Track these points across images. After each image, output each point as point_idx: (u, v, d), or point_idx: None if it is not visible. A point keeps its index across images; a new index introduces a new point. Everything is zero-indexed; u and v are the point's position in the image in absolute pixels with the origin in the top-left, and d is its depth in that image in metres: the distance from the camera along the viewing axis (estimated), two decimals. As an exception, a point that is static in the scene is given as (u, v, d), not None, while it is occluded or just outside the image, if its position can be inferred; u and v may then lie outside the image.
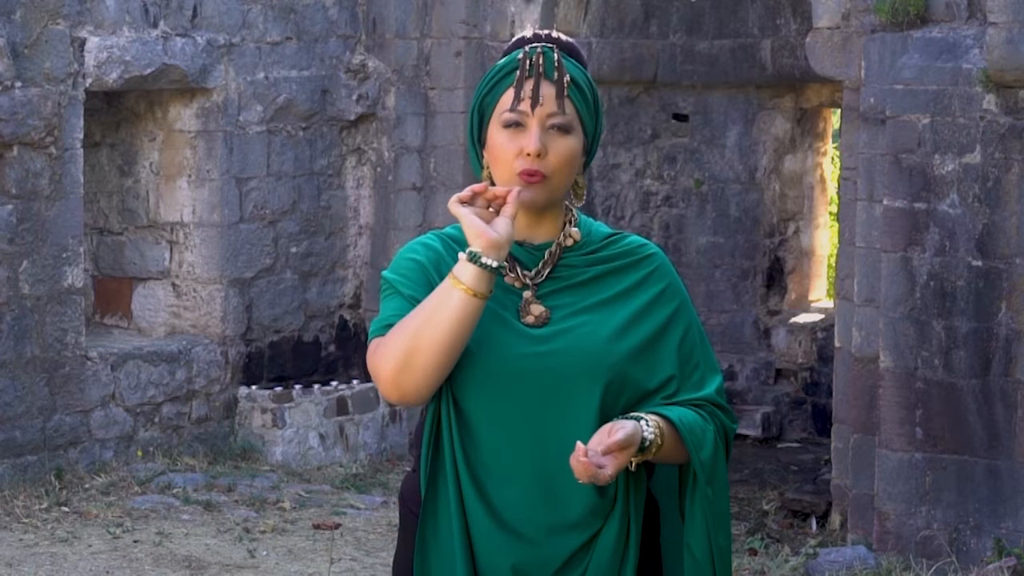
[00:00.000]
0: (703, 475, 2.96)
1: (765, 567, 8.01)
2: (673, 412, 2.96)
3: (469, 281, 2.85)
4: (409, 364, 2.87)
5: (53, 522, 8.13)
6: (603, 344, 2.96)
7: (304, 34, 10.06)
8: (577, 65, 3.02)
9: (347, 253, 10.47)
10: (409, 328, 2.88)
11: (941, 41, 7.90)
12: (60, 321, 8.88)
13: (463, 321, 2.85)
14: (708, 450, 2.97)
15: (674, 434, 2.94)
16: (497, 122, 2.98)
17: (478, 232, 2.85)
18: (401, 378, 2.89)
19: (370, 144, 10.46)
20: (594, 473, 2.80)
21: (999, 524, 7.73)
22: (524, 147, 2.95)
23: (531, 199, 2.97)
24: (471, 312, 2.86)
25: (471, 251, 2.85)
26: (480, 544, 2.97)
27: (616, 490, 2.97)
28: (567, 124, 2.97)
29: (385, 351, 2.90)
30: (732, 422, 3.05)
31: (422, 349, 2.86)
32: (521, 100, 2.96)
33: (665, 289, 3.04)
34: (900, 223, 7.89)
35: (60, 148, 8.81)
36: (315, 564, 7.64)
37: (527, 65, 2.97)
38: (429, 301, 2.89)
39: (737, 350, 11.50)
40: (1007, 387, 7.69)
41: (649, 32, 11.19)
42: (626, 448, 2.85)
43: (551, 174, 2.96)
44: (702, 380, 3.03)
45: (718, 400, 3.03)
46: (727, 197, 11.48)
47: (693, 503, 2.99)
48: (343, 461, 9.83)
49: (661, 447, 2.92)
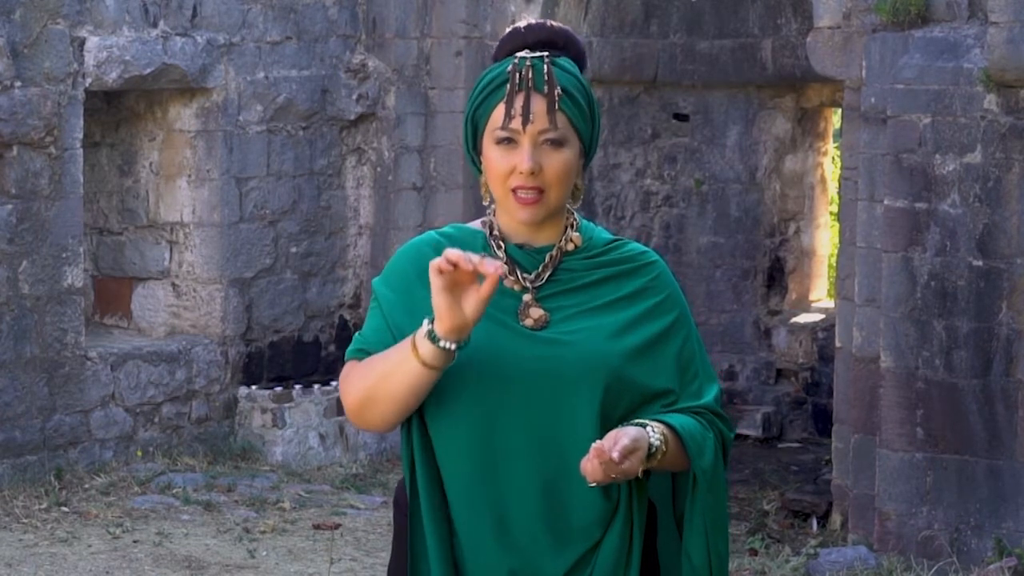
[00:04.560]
0: (704, 482, 2.95)
1: (765, 567, 8.00)
2: (675, 419, 2.94)
3: (426, 356, 2.85)
4: (368, 408, 2.94)
5: (53, 522, 8.12)
6: (603, 347, 2.95)
7: (304, 34, 10.06)
8: (569, 69, 2.97)
9: (347, 253, 10.46)
10: (370, 376, 2.93)
11: (942, 41, 7.90)
12: (60, 321, 8.87)
13: (416, 388, 2.89)
14: (709, 457, 2.96)
15: (676, 441, 2.93)
16: (490, 137, 2.96)
17: (442, 315, 2.81)
18: (363, 416, 2.97)
19: (370, 144, 10.45)
20: (607, 476, 2.79)
21: (1000, 524, 7.72)
22: (517, 165, 2.92)
23: (531, 218, 2.95)
24: (425, 381, 2.88)
25: (431, 331, 2.84)
26: (476, 551, 2.95)
27: (619, 497, 2.96)
28: (560, 138, 2.93)
29: (350, 386, 2.97)
30: (730, 431, 3.05)
31: (379, 401, 2.92)
32: (512, 117, 2.92)
33: (665, 299, 3.02)
34: (901, 223, 7.89)
35: (60, 148, 8.81)
36: (315, 564, 7.63)
37: (516, 79, 2.93)
38: (390, 356, 2.91)
39: (737, 350, 11.49)
40: (1008, 387, 7.68)
41: (649, 32, 11.19)
42: (634, 452, 2.84)
43: (547, 189, 2.94)
44: (700, 389, 3.02)
45: (716, 408, 3.02)
46: (727, 197, 11.47)
47: (693, 511, 2.98)
48: (343, 461, 9.82)
49: (666, 454, 2.91)
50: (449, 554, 2.96)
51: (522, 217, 2.95)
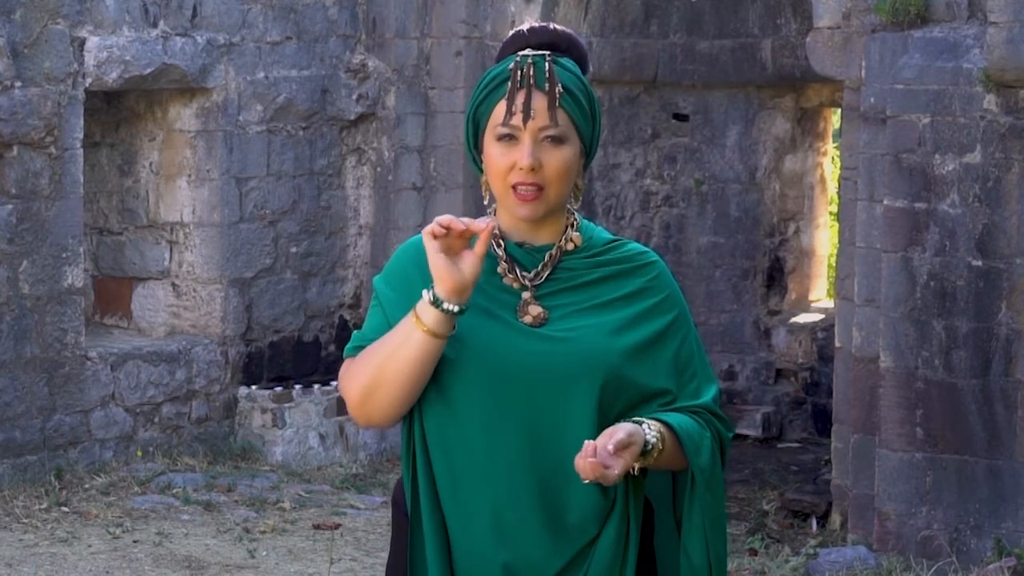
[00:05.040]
0: (702, 481, 2.96)
1: (765, 567, 8.00)
2: (672, 418, 2.95)
3: (430, 323, 2.87)
4: (373, 395, 2.94)
5: (53, 522, 8.13)
6: (601, 345, 2.95)
7: (304, 34, 10.06)
8: (570, 69, 2.99)
9: (347, 253, 10.46)
10: (373, 361, 2.93)
11: (941, 41, 7.90)
12: (60, 321, 8.88)
13: (423, 360, 2.90)
14: (706, 456, 2.97)
15: (673, 439, 2.93)
16: (491, 134, 2.97)
17: (441, 275, 2.85)
18: (366, 407, 2.96)
19: (370, 144, 10.46)
20: (601, 473, 2.79)
21: (999, 524, 7.72)
22: (517, 161, 2.94)
23: (530, 214, 2.97)
24: (432, 351, 2.89)
25: (434, 294, 2.86)
26: (473, 547, 2.96)
27: (615, 494, 2.97)
28: (560, 135, 2.95)
29: (351, 379, 2.97)
30: (728, 430, 3.05)
31: (384, 384, 2.92)
32: (513, 114, 2.94)
33: (665, 299, 3.03)
34: (900, 223, 7.89)
35: (60, 148, 8.81)
36: (315, 564, 7.64)
37: (518, 76, 2.94)
38: (393, 336, 2.92)
39: (737, 350, 11.50)
40: (1007, 387, 7.68)
41: (649, 32, 11.19)
42: (629, 447, 2.84)
43: (547, 185, 2.95)
44: (699, 389, 3.03)
45: (714, 408, 3.03)
46: (727, 197, 11.47)
47: (692, 510, 2.98)
48: (343, 461, 9.82)
49: (662, 452, 2.92)
50: (446, 550, 2.97)
51: (522, 213, 2.96)
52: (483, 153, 3.00)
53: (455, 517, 2.97)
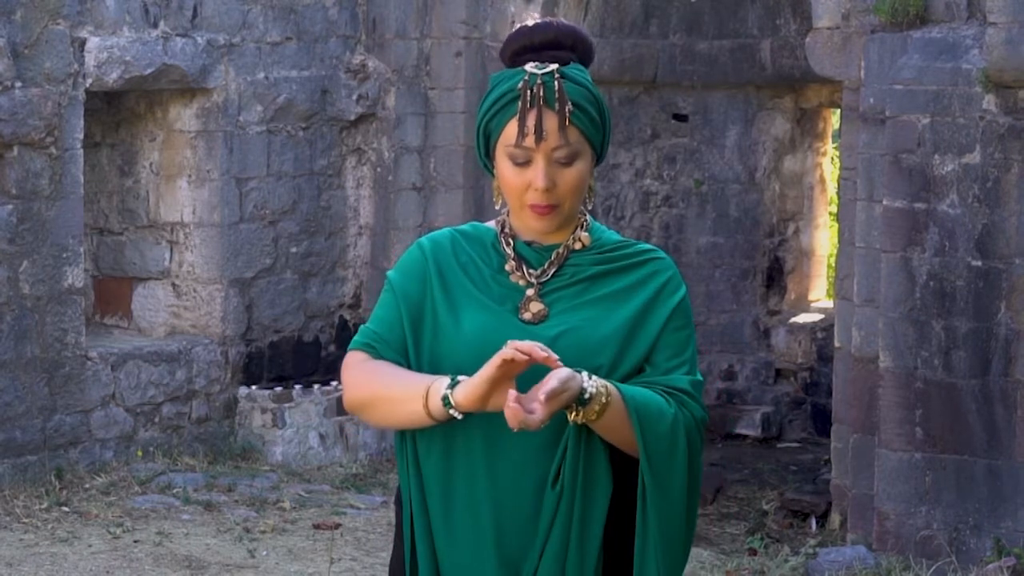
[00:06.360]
0: (646, 462, 2.90)
1: (765, 567, 8.01)
2: (627, 388, 2.91)
3: (433, 408, 2.91)
4: (365, 411, 3.03)
5: (53, 522, 8.13)
6: (597, 338, 2.97)
7: (304, 34, 10.07)
8: (579, 81, 2.99)
9: (347, 253, 10.47)
10: (375, 387, 2.99)
11: (941, 41, 7.91)
12: (60, 321, 8.88)
13: (414, 424, 2.96)
14: (661, 435, 2.90)
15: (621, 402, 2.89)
16: (503, 153, 2.98)
17: (475, 391, 2.85)
18: (360, 415, 3.08)
19: (370, 144, 10.46)
20: (524, 419, 2.77)
21: (999, 524, 7.73)
22: (532, 183, 2.96)
23: (546, 227, 3.00)
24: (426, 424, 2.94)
25: (447, 396, 2.88)
26: (468, 544, 2.98)
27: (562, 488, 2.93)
28: (572, 153, 2.97)
29: (352, 383, 3.03)
30: (702, 412, 2.97)
31: (376, 412, 3.00)
32: (525, 135, 2.95)
33: (664, 289, 3.03)
34: (900, 223, 7.89)
35: (60, 148, 8.82)
36: (315, 564, 7.64)
37: (528, 97, 2.95)
38: (399, 385, 2.95)
39: (737, 350, 11.50)
40: (1007, 387, 7.69)
41: (649, 32, 11.20)
42: (560, 395, 2.81)
43: (561, 202, 2.98)
44: (678, 373, 2.98)
45: (691, 391, 2.97)
46: (727, 197, 11.48)
47: (646, 517, 2.92)
48: (343, 461, 9.83)
49: (606, 408, 2.86)
50: (445, 548, 2.99)
51: (537, 227, 3.01)
52: (495, 165, 3.02)
53: (455, 513, 2.99)
